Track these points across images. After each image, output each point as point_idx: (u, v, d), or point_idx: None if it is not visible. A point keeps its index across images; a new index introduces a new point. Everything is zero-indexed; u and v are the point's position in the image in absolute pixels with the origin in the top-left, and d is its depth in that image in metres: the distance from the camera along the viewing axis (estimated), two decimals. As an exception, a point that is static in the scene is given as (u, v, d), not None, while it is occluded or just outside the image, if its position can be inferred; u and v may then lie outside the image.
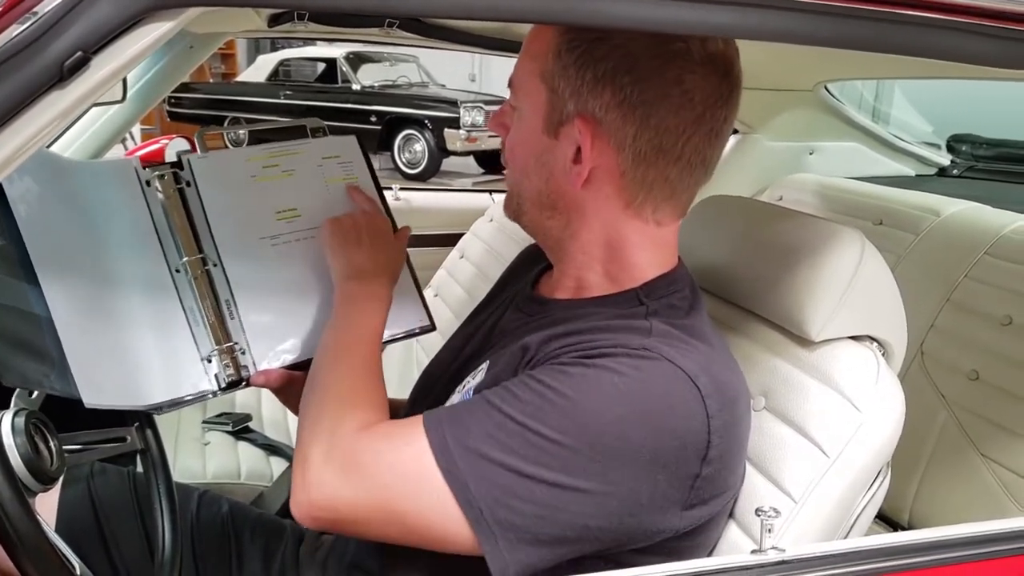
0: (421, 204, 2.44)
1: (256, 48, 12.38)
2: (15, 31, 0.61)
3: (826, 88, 2.16)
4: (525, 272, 1.06)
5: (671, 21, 0.71)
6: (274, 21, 1.61)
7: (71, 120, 0.79)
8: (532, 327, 0.90)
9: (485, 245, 2.12)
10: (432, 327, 1.15)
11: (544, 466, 0.75)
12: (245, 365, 1.04)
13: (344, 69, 9.43)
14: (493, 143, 8.09)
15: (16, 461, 0.78)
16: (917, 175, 2.35)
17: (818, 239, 0.94)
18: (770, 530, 0.76)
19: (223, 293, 1.04)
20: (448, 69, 10.14)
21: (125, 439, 1.00)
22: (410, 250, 1.13)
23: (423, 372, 1.07)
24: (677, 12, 0.70)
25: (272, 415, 1.91)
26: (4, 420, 0.80)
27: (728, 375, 0.84)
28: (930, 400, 1.56)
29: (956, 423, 1.52)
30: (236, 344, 1.04)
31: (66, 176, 1.00)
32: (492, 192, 2.50)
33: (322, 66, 9.71)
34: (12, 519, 0.71)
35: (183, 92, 9.57)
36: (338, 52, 9.49)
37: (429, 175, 8.89)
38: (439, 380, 1.01)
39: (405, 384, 1.12)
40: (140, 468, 1.04)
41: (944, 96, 3.77)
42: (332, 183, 1.13)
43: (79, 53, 0.61)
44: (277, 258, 1.07)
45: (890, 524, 1.58)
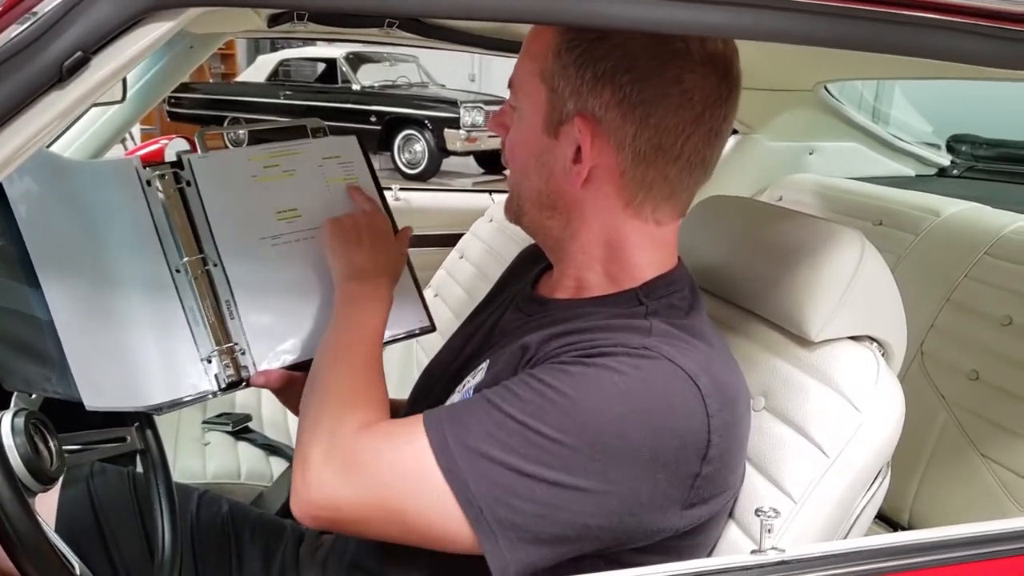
0: (421, 204, 2.44)
1: (256, 48, 12.38)
2: (15, 31, 0.61)
3: (826, 88, 2.16)
4: (525, 272, 1.06)
5: (669, 21, 0.71)
6: (274, 21, 1.61)
7: (71, 120, 0.79)
8: (532, 327, 0.90)
9: (485, 245, 2.12)
10: (432, 328, 1.15)
11: (544, 465, 0.75)
12: (245, 365, 1.04)
13: (344, 69, 9.43)
14: (493, 143, 8.10)
15: (16, 461, 0.78)
16: (917, 175, 2.35)
17: (818, 239, 0.94)
18: (770, 530, 0.76)
19: (223, 293, 1.04)
20: (448, 69, 10.14)
21: (125, 439, 1.00)
22: (410, 250, 1.13)
23: (423, 372, 1.07)
24: (674, 12, 0.70)
25: (272, 415, 1.91)
26: (4, 420, 0.80)
27: (728, 375, 0.84)
28: (930, 400, 1.56)
29: (956, 423, 1.52)
30: (236, 345, 1.04)
31: (66, 176, 1.00)
32: (492, 192, 2.50)
33: (322, 66, 9.70)
34: (12, 519, 0.71)
35: (183, 92, 9.57)
36: (338, 52, 9.49)
37: (429, 175, 8.89)
38: (439, 380, 1.01)
39: (405, 384, 1.12)
40: (140, 468, 1.04)
41: (944, 96, 3.77)
42: (333, 183, 1.13)
43: (79, 53, 0.61)
44: (277, 258, 1.07)
45: (890, 524, 1.57)
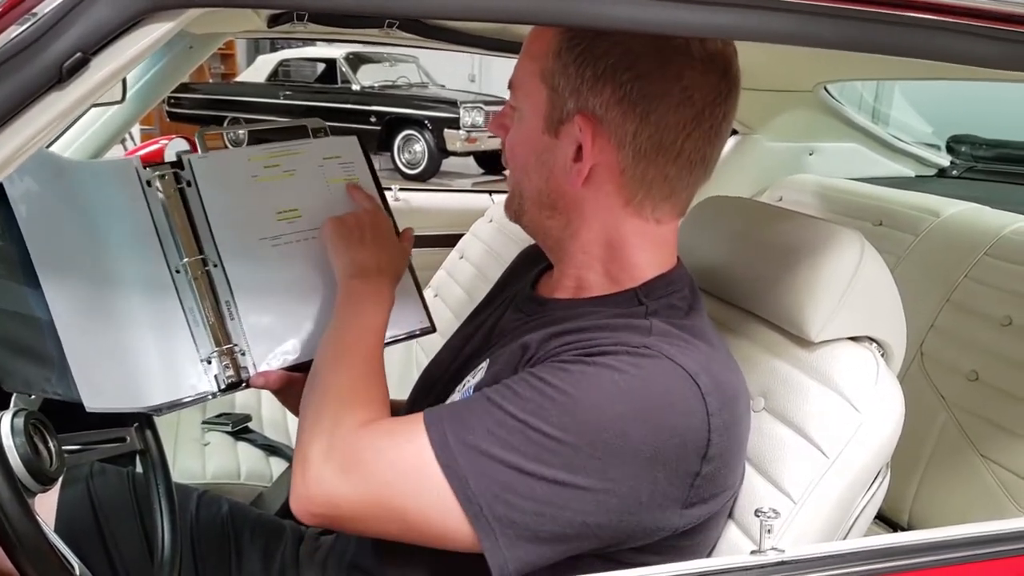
0: (421, 205, 2.44)
1: (256, 48, 12.38)
2: (14, 32, 0.61)
3: (826, 89, 2.16)
4: (525, 272, 1.06)
5: (671, 23, 0.71)
6: (274, 21, 1.61)
7: (71, 120, 0.79)
8: (532, 326, 0.90)
9: (485, 246, 2.12)
10: (432, 329, 1.15)
11: (544, 463, 0.75)
12: (245, 366, 1.04)
13: (344, 69, 9.42)
14: (493, 144, 8.10)
15: (15, 462, 0.78)
16: (917, 176, 2.35)
17: (818, 240, 0.94)
18: (769, 531, 0.76)
19: (223, 294, 1.04)
20: (448, 69, 10.14)
21: (125, 439, 0.99)
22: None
23: (423, 372, 1.07)
24: (675, 14, 0.70)
25: (272, 415, 1.91)
26: (3, 421, 0.80)
27: (728, 374, 0.84)
28: (930, 401, 1.56)
29: (956, 424, 1.52)
30: (236, 345, 1.03)
31: (66, 176, 1.00)
32: (492, 193, 2.50)
33: (322, 66, 9.70)
34: (11, 519, 0.71)
35: (183, 92, 9.57)
36: (338, 52, 9.49)
37: (429, 175, 8.89)
38: (439, 380, 1.01)
39: (405, 384, 1.12)
40: (139, 468, 1.04)
41: (943, 97, 3.77)
42: (333, 183, 1.13)
43: (78, 54, 0.61)
44: (278, 259, 1.07)
45: (890, 525, 1.57)
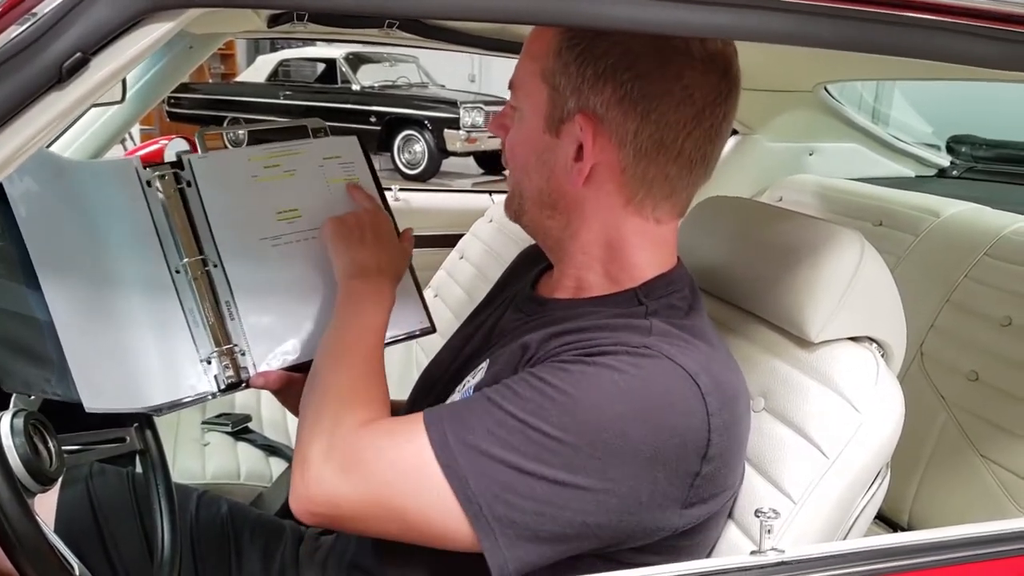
0: (421, 205, 2.44)
1: (256, 48, 12.38)
2: (14, 32, 0.61)
3: (826, 89, 2.16)
4: (525, 272, 1.06)
5: (671, 23, 0.71)
6: (274, 21, 1.61)
7: (71, 120, 0.79)
8: (532, 326, 0.90)
9: (485, 246, 2.12)
10: (432, 329, 1.15)
11: (544, 463, 0.75)
12: (245, 367, 1.04)
13: (344, 69, 9.42)
14: (493, 144, 8.10)
15: (15, 462, 0.78)
16: (917, 176, 2.35)
17: (818, 240, 0.94)
18: (769, 531, 0.76)
19: (223, 294, 1.04)
20: (448, 69, 10.14)
21: (124, 440, 0.99)
22: (409, 251, 1.13)
23: (423, 372, 1.07)
24: (675, 14, 0.70)
25: (271, 416, 1.91)
26: (3, 421, 0.80)
27: (728, 374, 0.84)
28: (930, 401, 1.56)
29: (956, 424, 1.52)
30: (236, 346, 1.03)
31: (66, 176, 1.00)
32: (492, 193, 2.50)
33: (322, 66, 9.70)
34: (11, 520, 0.71)
35: (182, 92, 9.57)
36: (338, 52, 9.49)
37: (429, 176, 8.89)
38: (439, 380, 1.01)
39: (405, 384, 1.12)
40: (139, 469, 1.04)
41: (943, 97, 3.77)
42: (333, 183, 1.13)
43: (78, 54, 0.61)
44: (278, 259, 1.07)
45: (890, 525, 1.57)
